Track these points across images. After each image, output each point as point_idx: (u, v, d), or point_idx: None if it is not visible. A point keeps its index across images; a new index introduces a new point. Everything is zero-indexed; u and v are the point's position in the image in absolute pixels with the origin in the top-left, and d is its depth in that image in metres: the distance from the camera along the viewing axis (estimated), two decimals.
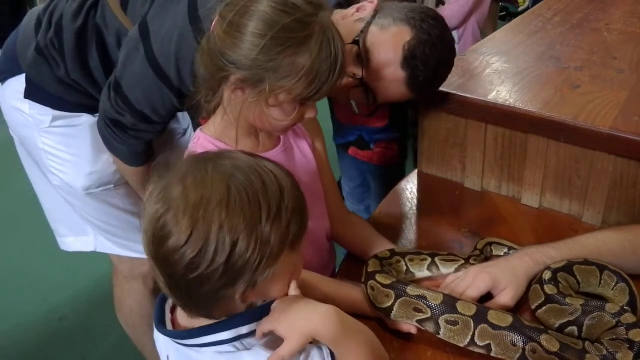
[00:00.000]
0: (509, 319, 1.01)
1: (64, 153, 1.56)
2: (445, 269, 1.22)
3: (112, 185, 1.59)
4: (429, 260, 1.22)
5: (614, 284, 1.13)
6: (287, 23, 1.00)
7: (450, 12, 2.68)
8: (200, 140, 1.16)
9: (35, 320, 2.47)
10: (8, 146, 1.75)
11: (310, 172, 1.27)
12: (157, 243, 0.78)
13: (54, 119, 1.52)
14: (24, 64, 1.49)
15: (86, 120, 1.52)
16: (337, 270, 1.35)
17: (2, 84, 1.56)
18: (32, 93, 1.50)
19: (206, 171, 0.80)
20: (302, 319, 0.86)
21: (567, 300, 1.07)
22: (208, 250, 0.76)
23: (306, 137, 1.28)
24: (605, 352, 0.96)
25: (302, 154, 1.26)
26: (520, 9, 4.78)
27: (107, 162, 1.55)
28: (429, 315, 1.04)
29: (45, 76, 1.47)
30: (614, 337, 0.99)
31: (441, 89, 1.47)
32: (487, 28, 2.94)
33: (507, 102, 1.42)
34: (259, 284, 0.80)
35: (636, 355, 0.95)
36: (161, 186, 0.81)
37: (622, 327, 1.00)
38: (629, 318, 1.02)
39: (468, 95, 1.46)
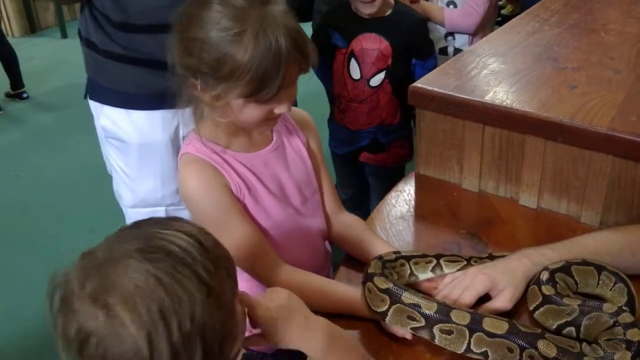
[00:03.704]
0: (504, 326, 1.00)
1: (118, 166, 1.59)
2: (448, 269, 1.21)
3: (162, 208, 1.59)
4: (434, 262, 1.21)
5: (612, 284, 1.12)
6: (220, 21, 1.01)
7: (470, 18, 2.60)
8: (193, 142, 1.18)
9: (35, 325, 2.46)
10: (6, 152, 1.77)
11: (304, 171, 1.28)
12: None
13: (105, 133, 1.56)
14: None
15: (133, 139, 1.53)
16: (332, 271, 1.35)
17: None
18: (90, 89, 1.57)
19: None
20: (292, 332, 0.85)
21: (565, 300, 1.07)
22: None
23: (300, 135, 1.28)
24: (602, 353, 0.96)
25: (295, 153, 1.26)
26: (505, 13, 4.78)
27: (151, 188, 1.56)
28: (423, 324, 1.04)
29: (93, 60, 1.51)
30: (612, 337, 0.99)
31: (438, 90, 1.48)
32: (486, 30, 2.91)
33: (504, 103, 1.42)
34: None
35: (634, 355, 0.94)
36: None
37: (620, 327, 1.00)
38: (626, 318, 1.01)
39: (465, 97, 1.46)
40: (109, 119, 1.54)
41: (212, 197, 1.14)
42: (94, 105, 1.59)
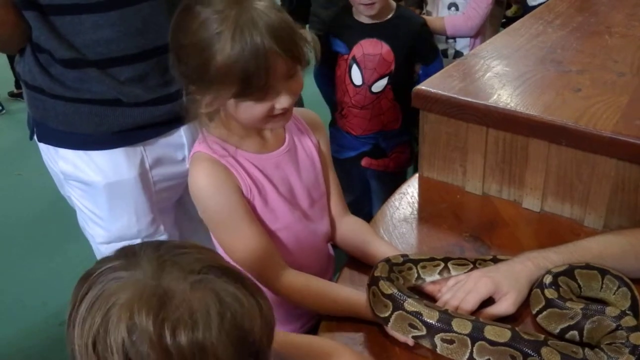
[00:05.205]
0: (507, 334, 0.99)
1: (84, 207, 1.53)
2: (456, 272, 1.21)
3: (139, 239, 1.52)
4: (442, 265, 1.21)
5: (615, 288, 1.12)
6: (201, 25, 1.02)
7: (472, 21, 2.59)
8: (205, 141, 1.17)
9: (35, 326, 2.47)
10: (8, 151, 1.76)
11: (313, 174, 1.28)
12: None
13: (65, 177, 1.49)
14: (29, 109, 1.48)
15: (99, 181, 1.45)
16: (335, 275, 1.34)
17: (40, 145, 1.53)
18: (40, 132, 1.48)
19: None
20: None
21: (568, 304, 1.06)
22: None
23: (311, 137, 1.28)
24: (606, 358, 0.96)
25: (306, 155, 1.26)
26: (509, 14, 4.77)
27: (127, 225, 1.50)
28: (424, 332, 1.03)
29: (41, 103, 1.43)
30: (614, 341, 0.99)
31: (442, 92, 1.47)
32: (488, 31, 2.90)
33: (508, 106, 1.41)
34: None
35: (638, 359, 0.94)
36: None
37: (622, 331, 1.00)
38: (629, 321, 1.01)
39: (469, 99, 1.46)
40: (69, 163, 1.45)
41: (221, 197, 1.14)
42: (45, 147, 1.49)
